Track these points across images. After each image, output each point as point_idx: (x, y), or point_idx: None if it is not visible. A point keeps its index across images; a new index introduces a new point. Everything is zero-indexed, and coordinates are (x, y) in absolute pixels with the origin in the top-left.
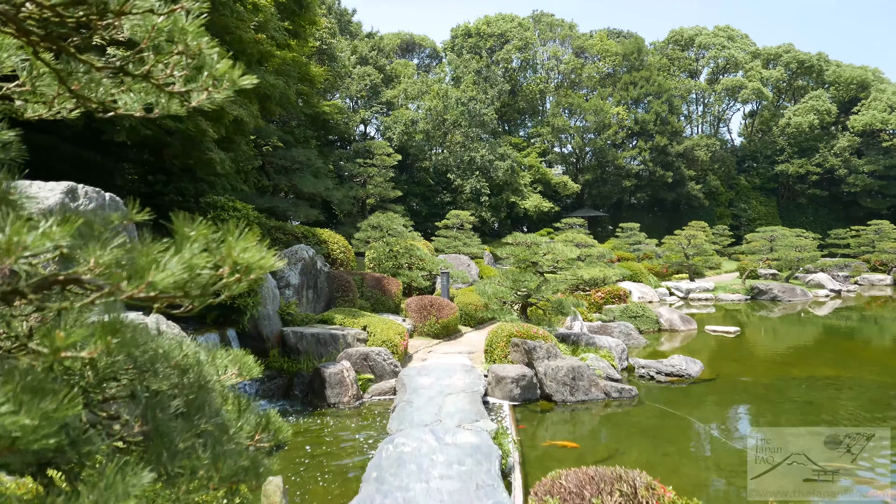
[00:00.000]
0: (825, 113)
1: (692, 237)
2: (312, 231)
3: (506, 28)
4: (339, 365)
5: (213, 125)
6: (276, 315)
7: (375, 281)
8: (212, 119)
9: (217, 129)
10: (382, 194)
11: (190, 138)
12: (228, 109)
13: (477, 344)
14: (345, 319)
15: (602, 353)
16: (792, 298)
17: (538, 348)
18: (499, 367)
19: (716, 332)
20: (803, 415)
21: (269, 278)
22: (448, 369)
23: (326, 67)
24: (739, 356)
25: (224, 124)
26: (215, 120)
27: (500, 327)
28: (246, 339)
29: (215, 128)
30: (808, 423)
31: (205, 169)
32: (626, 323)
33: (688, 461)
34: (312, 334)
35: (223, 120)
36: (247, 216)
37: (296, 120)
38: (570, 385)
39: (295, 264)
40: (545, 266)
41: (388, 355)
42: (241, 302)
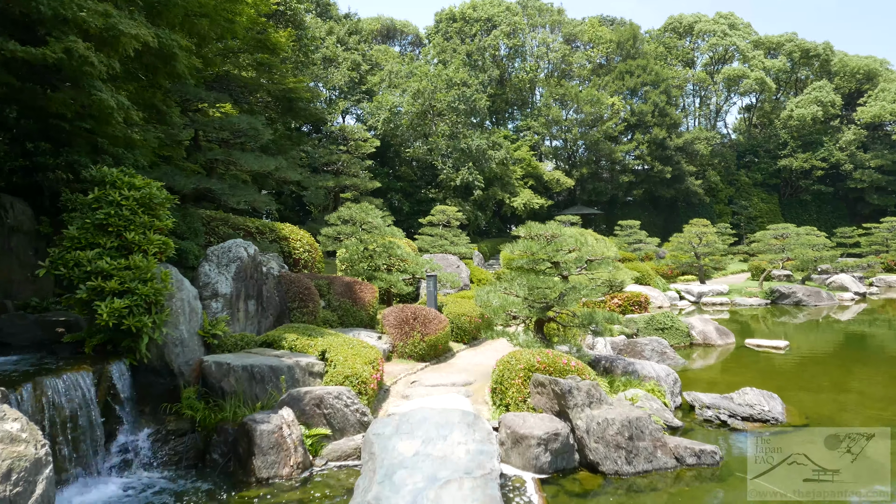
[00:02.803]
0: (829, 105)
1: (703, 234)
2: (270, 225)
3: (493, 12)
4: (278, 417)
5: (103, 56)
6: (196, 338)
7: (345, 287)
8: (96, 40)
9: (108, 62)
10: (358, 185)
11: (73, 76)
12: (125, 28)
13: (474, 369)
14: (298, 341)
15: (648, 387)
16: (818, 303)
17: (575, 391)
18: (516, 420)
19: (760, 348)
20: None
21: (184, 285)
22: (441, 422)
23: (290, 31)
24: (810, 383)
25: (119, 53)
26: (103, 44)
27: (515, 356)
28: (146, 375)
29: (106, 59)
30: None
31: (101, 126)
32: (659, 339)
33: None
34: (244, 367)
35: (117, 46)
36: (150, 198)
37: (256, 96)
38: (625, 448)
39: (226, 266)
40: (570, 267)
41: (352, 399)
42: (132, 322)
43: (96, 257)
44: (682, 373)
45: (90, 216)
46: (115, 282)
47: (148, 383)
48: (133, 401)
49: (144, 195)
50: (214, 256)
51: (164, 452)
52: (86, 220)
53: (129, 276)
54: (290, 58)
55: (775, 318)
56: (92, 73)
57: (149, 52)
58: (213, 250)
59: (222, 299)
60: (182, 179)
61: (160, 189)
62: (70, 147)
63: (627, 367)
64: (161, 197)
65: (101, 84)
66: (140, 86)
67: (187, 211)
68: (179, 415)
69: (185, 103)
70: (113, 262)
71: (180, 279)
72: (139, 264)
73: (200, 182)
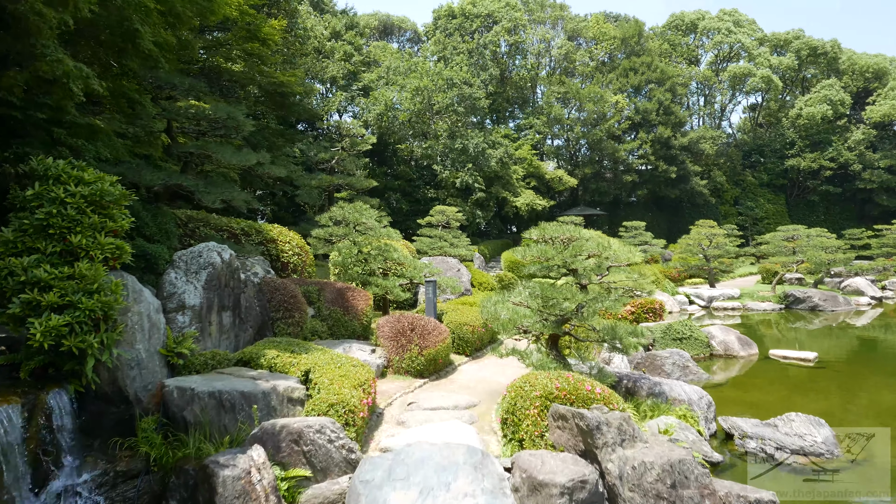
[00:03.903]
0: (839, 103)
1: (713, 236)
2: (257, 227)
3: (493, 8)
4: (246, 458)
5: (53, 11)
6: (157, 358)
7: (337, 294)
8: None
9: (59, 17)
10: (354, 184)
11: (18, 31)
12: None
13: (478, 386)
14: (278, 358)
15: (679, 412)
16: (835, 308)
17: (604, 428)
18: (533, 461)
19: (787, 360)
20: None
21: (143, 297)
22: (442, 464)
23: (281, 20)
24: (853, 404)
25: (70, 10)
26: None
27: (529, 381)
28: (95, 404)
29: (56, 14)
30: None
31: (58, 114)
32: (680, 351)
33: None
34: (212, 393)
35: (67, 3)
36: (101, 195)
37: (246, 90)
38: (666, 498)
39: (196, 274)
40: (590, 274)
41: (336, 433)
42: (72, 342)
43: (33, 265)
44: (707, 388)
45: (28, 217)
46: (55, 294)
47: (98, 413)
48: (77, 435)
49: (95, 191)
50: (182, 262)
51: (113, 498)
52: (24, 221)
53: (72, 288)
54: (283, 50)
55: (791, 324)
56: (40, 26)
57: (107, 24)
58: (181, 255)
59: (190, 312)
60: (149, 174)
61: (114, 184)
62: (23, 139)
63: (653, 387)
64: (115, 193)
65: (55, 46)
66: (113, 74)
67: (159, 210)
68: (134, 450)
69: (157, 90)
70: (54, 270)
71: (139, 289)
72: (85, 273)
73: (171, 178)
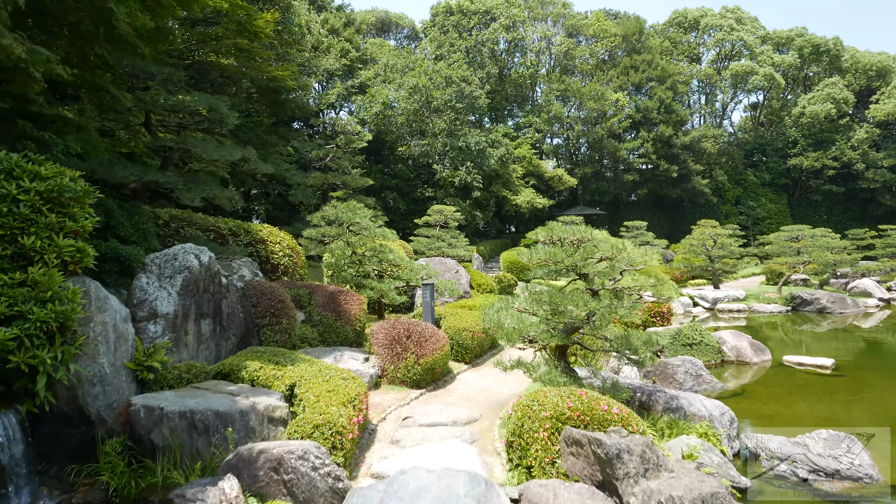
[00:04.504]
0: (843, 102)
1: (717, 236)
2: (245, 227)
3: (491, 5)
4: (216, 492)
5: None
6: (124, 372)
7: (328, 298)
8: None
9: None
10: (349, 182)
11: None
12: None
13: (479, 397)
14: (261, 371)
15: (700, 430)
16: (843, 310)
17: (625, 456)
18: (544, 494)
19: (803, 367)
20: None
21: (109, 304)
22: (441, 496)
23: (274, 13)
24: (883, 418)
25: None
26: None
27: (537, 399)
28: (51, 425)
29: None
30: None
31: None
32: (692, 359)
33: None
34: (182, 413)
35: None
36: (60, 191)
37: (238, 86)
38: None
39: (170, 279)
40: (603, 280)
41: (322, 459)
42: (21, 358)
43: None
44: (722, 399)
45: None
46: (3, 304)
47: (55, 435)
48: (30, 461)
49: (53, 187)
50: (155, 266)
51: None
52: None
53: (23, 296)
54: (275, 45)
55: (800, 326)
56: None
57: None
58: (154, 258)
59: (163, 320)
60: (122, 170)
61: (76, 180)
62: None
63: (670, 402)
64: (77, 190)
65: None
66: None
67: (136, 209)
68: (94, 478)
69: (133, 80)
70: (3, 276)
71: (103, 297)
72: (38, 279)
73: (146, 174)
